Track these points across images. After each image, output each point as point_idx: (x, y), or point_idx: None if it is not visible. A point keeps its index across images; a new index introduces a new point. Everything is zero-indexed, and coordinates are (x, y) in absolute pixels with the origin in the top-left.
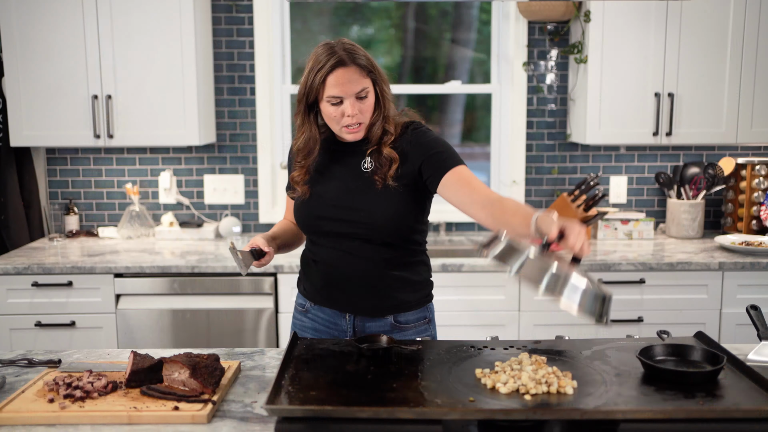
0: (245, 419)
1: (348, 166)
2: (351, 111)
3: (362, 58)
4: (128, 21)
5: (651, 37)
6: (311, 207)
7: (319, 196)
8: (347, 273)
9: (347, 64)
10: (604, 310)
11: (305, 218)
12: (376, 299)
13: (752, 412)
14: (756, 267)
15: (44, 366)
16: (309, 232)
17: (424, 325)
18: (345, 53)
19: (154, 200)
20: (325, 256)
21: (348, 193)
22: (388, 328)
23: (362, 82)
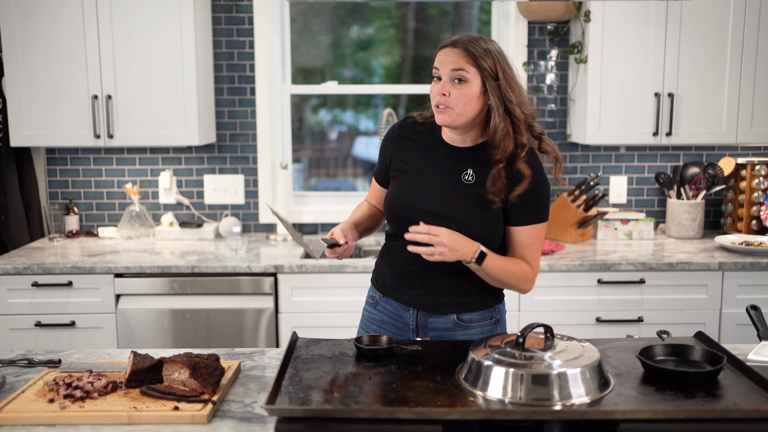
0: (245, 419)
1: (448, 171)
2: (441, 88)
3: (480, 49)
4: (128, 21)
5: (651, 37)
6: (403, 207)
7: (412, 196)
8: (416, 270)
9: (456, 45)
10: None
11: (394, 217)
12: (442, 298)
13: (752, 412)
14: (756, 267)
15: (44, 366)
16: (395, 226)
17: (490, 324)
18: (462, 38)
19: (154, 200)
20: (401, 250)
21: (444, 203)
22: (451, 325)
23: (462, 64)
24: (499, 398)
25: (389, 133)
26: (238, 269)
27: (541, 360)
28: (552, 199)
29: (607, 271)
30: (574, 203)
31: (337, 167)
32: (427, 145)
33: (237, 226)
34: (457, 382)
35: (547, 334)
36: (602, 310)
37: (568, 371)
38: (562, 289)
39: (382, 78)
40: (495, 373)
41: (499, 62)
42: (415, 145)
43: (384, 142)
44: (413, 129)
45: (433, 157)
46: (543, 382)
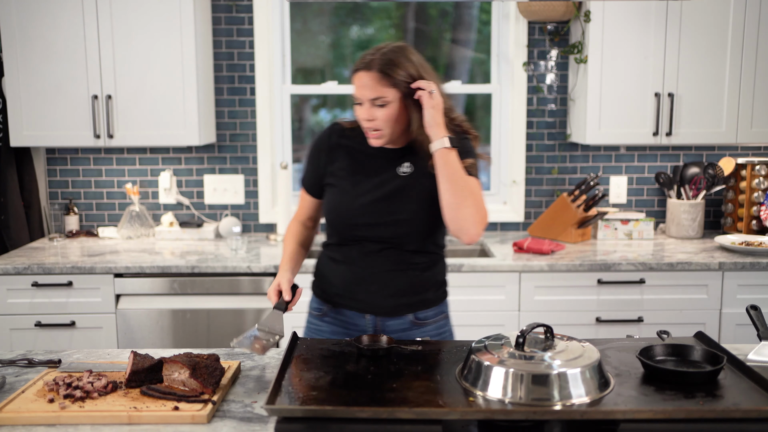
0: (245, 419)
1: (385, 168)
2: (364, 115)
3: (394, 69)
4: (128, 21)
5: (651, 37)
6: (347, 213)
7: (354, 199)
8: (372, 274)
9: (369, 69)
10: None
11: (340, 224)
12: (399, 299)
13: (752, 412)
14: (756, 267)
15: (44, 366)
16: (341, 235)
17: (443, 320)
18: (378, 58)
19: (154, 200)
20: (348, 256)
21: (386, 197)
22: (408, 325)
23: (380, 90)
24: (499, 398)
25: (319, 142)
26: (238, 269)
27: (541, 360)
28: (552, 200)
29: (607, 271)
30: (574, 203)
31: None
32: (361, 149)
33: (237, 226)
34: (457, 382)
35: (547, 334)
36: (602, 310)
37: (568, 371)
38: (562, 289)
39: None
40: (495, 373)
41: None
42: (349, 151)
43: (314, 152)
44: (343, 135)
45: (368, 159)
46: (543, 382)
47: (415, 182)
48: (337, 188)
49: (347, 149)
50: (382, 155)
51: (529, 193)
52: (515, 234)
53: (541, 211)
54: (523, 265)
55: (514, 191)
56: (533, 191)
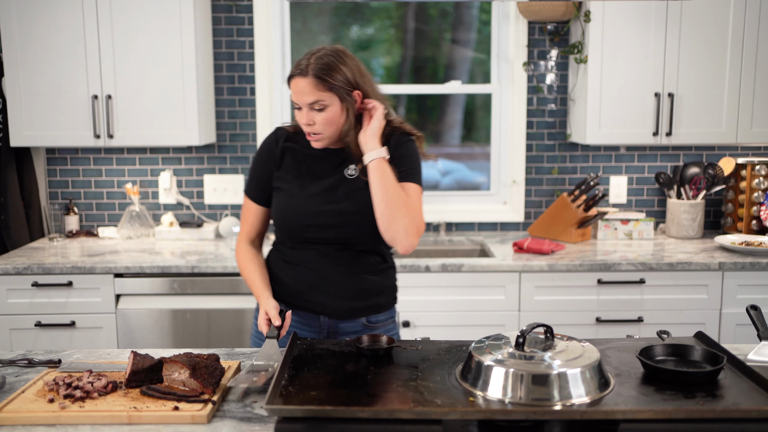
0: (245, 419)
1: (331, 171)
2: (304, 120)
3: (329, 72)
4: (128, 21)
5: (651, 37)
6: (298, 214)
7: (304, 201)
8: (325, 277)
9: (305, 74)
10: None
11: (291, 226)
12: (353, 302)
13: (752, 412)
14: (756, 267)
15: (44, 366)
16: (291, 238)
17: (391, 323)
18: (314, 63)
19: (154, 200)
20: (301, 259)
21: (335, 200)
22: (360, 328)
23: (317, 94)
24: (499, 398)
25: (265, 149)
26: (238, 269)
27: (541, 360)
28: (552, 200)
29: (607, 271)
30: (574, 203)
31: None
32: (306, 152)
33: (237, 226)
34: (457, 382)
35: (547, 334)
36: (602, 310)
37: (568, 371)
38: (562, 289)
39: (382, 78)
40: (495, 373)
41: (353, 74)
42: (294, 154)
43: (260, 159)
44: (288, 139)
45: (314, 161)
46: (543, 382)
47: (361, 183)
48: (285, 192)
49: (293, 152)
50: (327, 157)
51: (529, 193)
52: (515, 234)
53: (541, 211)
54: (523, 265)
55: (514, 191)
56: (533, 191)
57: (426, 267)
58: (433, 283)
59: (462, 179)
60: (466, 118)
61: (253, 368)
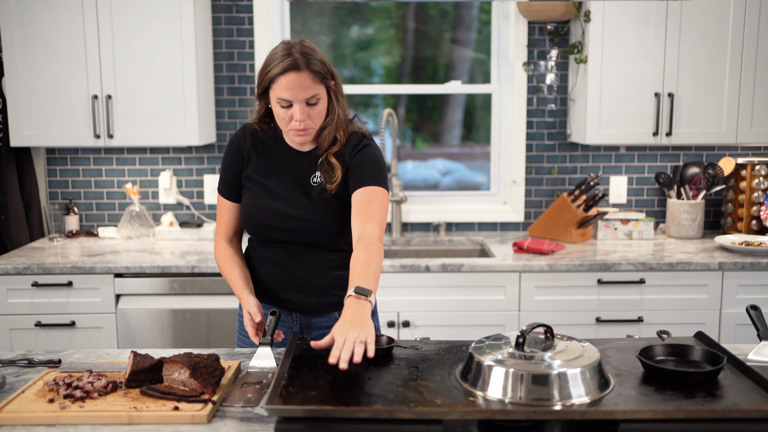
0: (245, 419)
1: (297, 176)
2: (300, 116)
3: (317, 63)
4: (128, 21)
5: (651, 37)
6: (261, 216)
7: (268, 203)
8: (294, 274)
9: (300, 69)
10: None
11: (255, 225)
12: (322, 298)
13: (752, 412)
14: (756, 267)
15: (44, 366)
16: (257, 237)
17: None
18: (301, 57)
19: (154, 200)
20: (271, 257)
21: (297, 206)
22: (333, 322)
23: (314, 88)
24: (499, 398)
25: (234, 146)
26: None
27: (541, 360)
28: (552, 200)
29: (607, 271)
30: (574, 203)
31: None
32: (274, 152)
33: None
34: (457, 382)
35: (547, 334)
36: (602, 310)
37: (568, 371)
38: (562, 289)
39: (382, 78)
40: (495, 373)
41: (329, 67)
42: (263, 154)
43: (230, 155)
44: (257, 138)
45: (282, 163)
46: (543, 382)
47: (322, 191)
48: (251, 191)
49: (260, 152)
50: (296, 160)
51: (529, 193)
52: (515, 234)
53: (541, 211)
54: (523, 265)
55: (514, 191)
56: (533, 191)
57: (426, 267)
58: (433, 283)
59: (462, 179)
60: (466, 118)
61: (247, 381)
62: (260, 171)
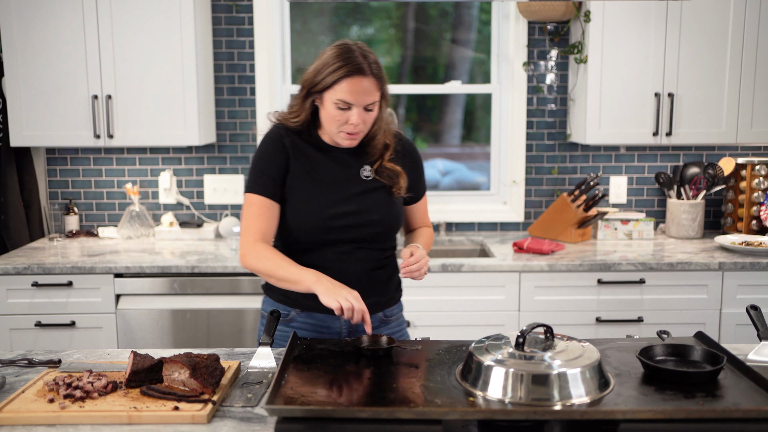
0: (245, 419)
1: (347, 172)
2: (357, 120)
3: (377, 68)
4: (128, 21)
5: (651, 37)
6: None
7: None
8: (345, 276)
9: (365, 73)
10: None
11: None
12: (372, 298)
13: (752, 412)
14: (756, 267)
15: (44, 366)
16: (309, 240)
17: (401, 317)
18: (365, 61)
19: (154, 200)
20: (317, 261)
21: (354, 201)
22: (377, 323)
23: (375, 94)
24: (499, 398)
25: (274, 144)
26: (238, 269)
27: (541, 360)
28: (552, 200)
29: (607, 271)
30: (574, 203)
31: None
32: (315, 150)
33: (237, 226)
34: (457, 382)
35: (547, 334)
36: (602, 310)
37: (568, 371)
38: (562, 289)
39: None
40: (495, 373)
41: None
42: (303, 154)
43: (269, 154)
44: (290, 136)
45: (327, 161)
46: (543, 382)
47: (377, 184)
48: (301, 194)
49: (301, 151)
50: (339, 157)
51: (529, 193)
52: (515, 234)
53: (541, 211)
54: (523, 265)
55: (514, 191)
56: (533, 191)
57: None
58: (433, 283)
59: (462, 179)
60: (466, 118)
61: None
62: (305, 171)
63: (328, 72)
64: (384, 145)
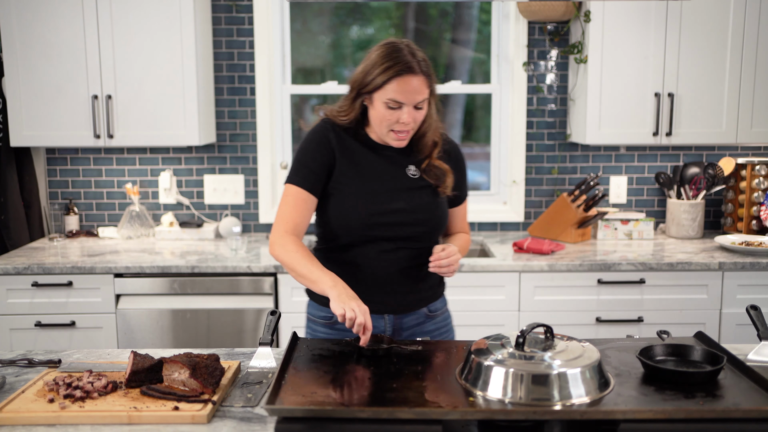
0: (245, 419)
1: (394, 170)
2: (407, 119)
3: (426, 66)
4: (128, 21)
5: (651, 37)
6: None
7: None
8: (389, 273)
9: (415, 72)
10: None
11: (353, 224)
12: (416, 294)
13: (752, 412)
14: (756, 267)
15: (44, 366)
16: (352, 237)
17: (447, 311)
18: (414, 60)
19: (154, 200)
20: (359, 259)
21: (401, 198)
22: (423, 318)
23: (424, 92)
24: (499, 398)
25: (321, 139)
26: (238, 269)
27: (541, 360)
28: (552, 200)
29: (607, 271)
30: (574, 203)
31: None
32: (362, 147)
33: (237, 226)
34: (457, 382)
35: (547, 334)
36: (602, 310)
37: (568, 371)
38: (562, 289)
39: None
40: (495, 373)
41: (431, 70)
42: (350, 150)
43: (314, 149)
44: (339, 133)
45: (375, 159)
46: (543, 382)
47: (423, 183)
48: (346, 190)
49: (347, 148)
50: (386, 154)
51: (529, 193)
52: (515, 234)
53: (541, 211)
54: (523, 265)
55: (514, 191)
56: (533, 191)
57: None
58: None
59: None
60: (466, 118)
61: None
62: (352, 168)
63: (378, 72)
64: (433, 143)
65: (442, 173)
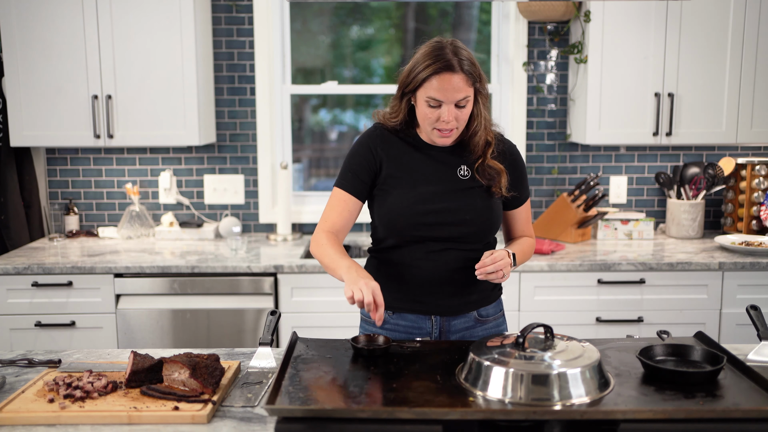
0: (245, 419)
1: (444, 171)
2: (448, 117)
3: (470, 65)
4: (128, 21)
5: (651, 37)
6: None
7: (421, 200)
8: (437, 274)
9: (455, 70)
10: None
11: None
12: (464, 297)
13: (752, 412)
14: (756, 267)
15: (44, 366)
16: (401, 236)
17: (501, 317)
18: (455, 58)
19: (154, 200)
20: (411, 258)
21: (450, 198)
22: (472, 323)
23: (465, 90)
24: (499, 398)
25: (368, 145)
26: (238, 269)
27: (541, 360)
28: (552, 200)
29: (607, 271)
30: (574, 203)
31: (337, 167)
32: (411, 148)
33: (237, 226)
34: (457, 382)
35: (547, 334)
36: (602, 310)
37: (568, 371)
38: (562, 289)
39: (382, 78)
40: (495, 373)
41: (479, 69)
42: (400, 152)
43: (359, 154)
44: (388, 137)
45: (424, 159)
46: (543, 382)
47: (474, 184)
48: (395, 190)
49: (399, 150)
50: (437, 155)
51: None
52: None
53: (541, 211)
54: (522, 265)
55: None
56: (533, 191)
57: None
58: None
59: None
60: None
61: (247, 382)
62: (400, 169)
63: (419, 70)
64: (486, 142)
65: (495, 173)
